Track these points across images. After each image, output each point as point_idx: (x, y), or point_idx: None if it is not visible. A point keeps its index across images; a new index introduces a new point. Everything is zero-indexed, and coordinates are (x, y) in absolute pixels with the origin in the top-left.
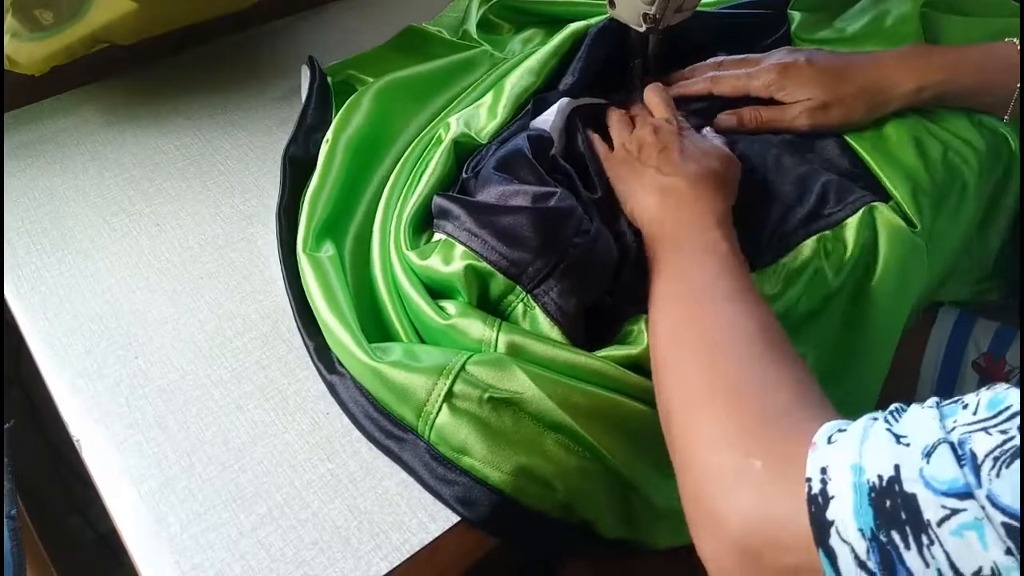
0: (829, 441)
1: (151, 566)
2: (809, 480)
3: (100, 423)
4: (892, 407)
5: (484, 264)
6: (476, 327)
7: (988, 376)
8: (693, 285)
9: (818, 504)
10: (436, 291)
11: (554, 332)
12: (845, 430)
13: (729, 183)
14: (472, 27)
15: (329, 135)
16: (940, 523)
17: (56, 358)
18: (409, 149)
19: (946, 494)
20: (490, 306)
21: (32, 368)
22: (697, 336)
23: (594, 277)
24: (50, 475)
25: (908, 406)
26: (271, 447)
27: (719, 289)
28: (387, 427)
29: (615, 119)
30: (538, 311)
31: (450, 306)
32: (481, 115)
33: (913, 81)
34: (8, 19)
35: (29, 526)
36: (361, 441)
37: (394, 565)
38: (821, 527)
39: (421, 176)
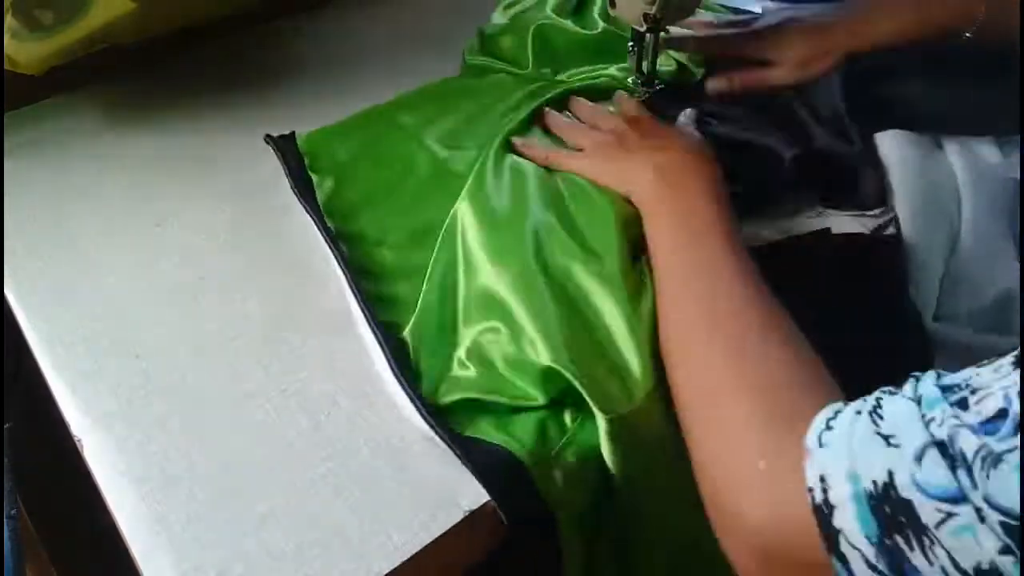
0: (820, 444)
1: (152, 566)
2: (811, 490)
3: (101, 423)
4: (874, 398)
5: None
6: None
7: None
8: (700, 265)
9: (823, 514)
10: None
11: None
12: (833, 428)
13: (714, 159)
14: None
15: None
16: (938, 526)
17: (56, 358)
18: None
19: (941, 499)
20: None
21: (32, 368)
22: (708, 324)
23: None
24: (50, 475)
25: (890, 394)
26: (272, 447)
27: (727, 269)
28: None
29: (564, 123)
30: None
31: None
32: None
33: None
34: (8, 19)
35: (29, 526)
36: (362, 441)
37: (395, 565)
38: (830, 535)
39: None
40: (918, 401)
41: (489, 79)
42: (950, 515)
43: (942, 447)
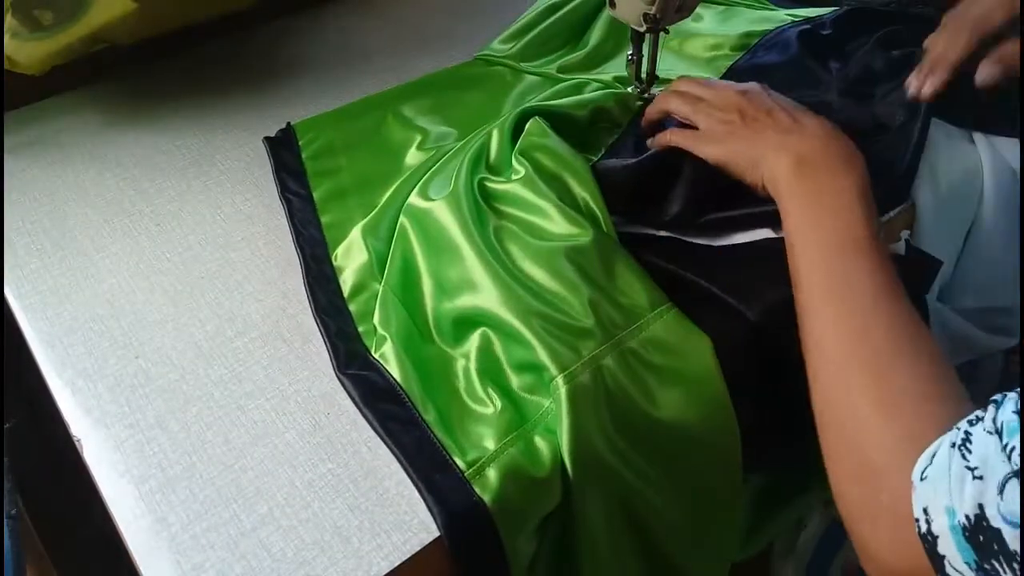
0: (922, 478)
1: (152, 566)
2: (917, 520)
3: (100, 423)
4: (963, 430)
5: None
6: None
7: None
8: (849, 289)
9: (928, 541)
10: None
11: None
12: (933, 461)
13: (855, 148)
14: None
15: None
16: None
17: (56, 358)
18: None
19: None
20: None
21: (32, 368)
22: (851, 341)
23: None
24: (50, 475)
25: (975, 422)
26: (272, 447)
27: (873, 290)
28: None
29: (677, 101)
30: None
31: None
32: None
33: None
34: (8, 19)
35: (29, 526)
36: (362, 441)
37: (395, 564)
38: (936, 560)
39: None
40: (999, 432)
41: (488, 72)
42: None
43: (1021, 477)
